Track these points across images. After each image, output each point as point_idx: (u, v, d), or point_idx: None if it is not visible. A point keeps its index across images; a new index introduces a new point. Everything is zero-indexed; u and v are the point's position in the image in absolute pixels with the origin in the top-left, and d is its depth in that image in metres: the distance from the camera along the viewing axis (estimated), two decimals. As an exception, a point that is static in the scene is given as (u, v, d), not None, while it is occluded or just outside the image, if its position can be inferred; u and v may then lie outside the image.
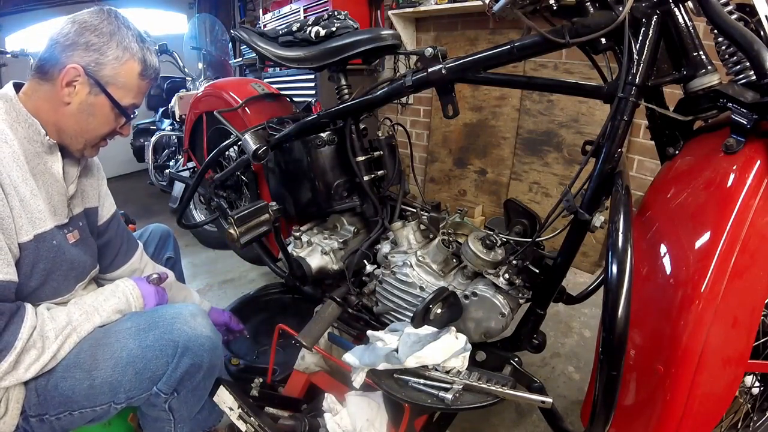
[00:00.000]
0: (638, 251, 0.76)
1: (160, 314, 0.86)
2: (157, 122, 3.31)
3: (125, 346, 0.81)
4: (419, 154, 2.99)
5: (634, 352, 0.74)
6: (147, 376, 0.81)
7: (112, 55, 0.79)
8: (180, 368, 0.82)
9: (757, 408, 0.98)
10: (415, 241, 1.18)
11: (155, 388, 0.82)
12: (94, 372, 0.79)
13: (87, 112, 0.81)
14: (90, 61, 0.78)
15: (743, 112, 0.71)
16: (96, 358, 0.80)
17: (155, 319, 0.84)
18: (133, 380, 0.80)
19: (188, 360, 0.82)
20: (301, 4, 2.82)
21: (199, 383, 0.87)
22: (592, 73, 1.02)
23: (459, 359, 0.90)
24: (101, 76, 0.79)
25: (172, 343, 0.81)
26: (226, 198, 1.86)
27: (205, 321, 0.87)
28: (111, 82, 0.80)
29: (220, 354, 0.90)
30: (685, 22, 0.78)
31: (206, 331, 0.85)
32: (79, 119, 0.81)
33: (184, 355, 0.82)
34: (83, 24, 0.78)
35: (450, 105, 1.09)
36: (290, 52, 1.34)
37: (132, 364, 0.80)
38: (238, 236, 1.08)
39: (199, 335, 0.83)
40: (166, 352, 0.81)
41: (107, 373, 0.80)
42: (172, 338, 0.81)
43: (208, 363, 0.86)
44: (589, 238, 0.93)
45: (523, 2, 0.78)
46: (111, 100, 0.81)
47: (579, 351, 1.63)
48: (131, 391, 0.81)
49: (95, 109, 0.81)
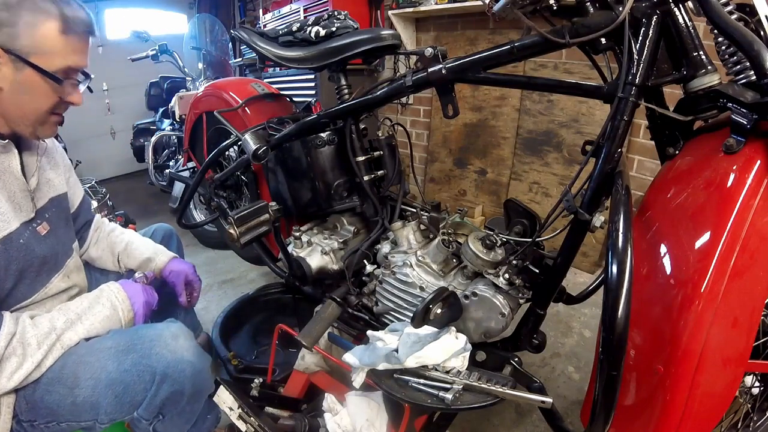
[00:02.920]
0: (638, 251, 0.76)
1: (140, 336, 0.82)
2: (157, 122, 3.32)
3: (104, 367, 0.78)
4: (419, 154, 2.99)
5: (634, 352, 0.74)
6: (127, 400, 0.78)
7: (24, 23, 0.73)
8: (160, 395, 0.79)
9: (757, 408, 0.98)
10: (415, 241, 1.18)
11: (136, 413, 0.80)
12: (75, 390, 0.77)
13: (21, 91, 0.76)
14: (4, 38, 0.72)
15: (743, 112, 0.71)
16: (77, 376, 0.78)
17: (134, 341, 0.81)
18: (113, 403, 0.78)
19: (168, 387, 0.78)
20: (301, 4, 2.82)
21: (184, 408, 0.84)
22: (592, 73, 1.02)
23: (459, 359, 0.90)
24: (19, 48, 0.73)
25: (149, 369, 0.78)
26: (226, 198, 1.85)
27: (188, 343, 0.83)
28: (32, 51, 0.74)
29: (205, 377, 0.86)
30: (685, 22, 0.78)
31: (188, 355, 0.81)
32: (17, 101, 0.77)
33: (163, 382, 0.78)
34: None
35: (450, 105, 1.08)
36: (290, 52, 1.34)
37: (111, 387, 0.77)
38: (238, 236, 1.08)
39: (179, 360, 0.79)
40: (144, 378, 0.78)
41: (88, 392, 0.77)
42: (150, 364, 0.78)
43: (191, 389, 0.82)
44: (589, 238, 0.93)
45: (523, 2, 0.78)
46: (37, 70, 0.75)
47: (579, 351, 1.63)
48: (112, 414, 0.79)
49: (27, 85, 0.76)
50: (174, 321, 0.90)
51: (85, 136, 3.78)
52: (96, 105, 3.80)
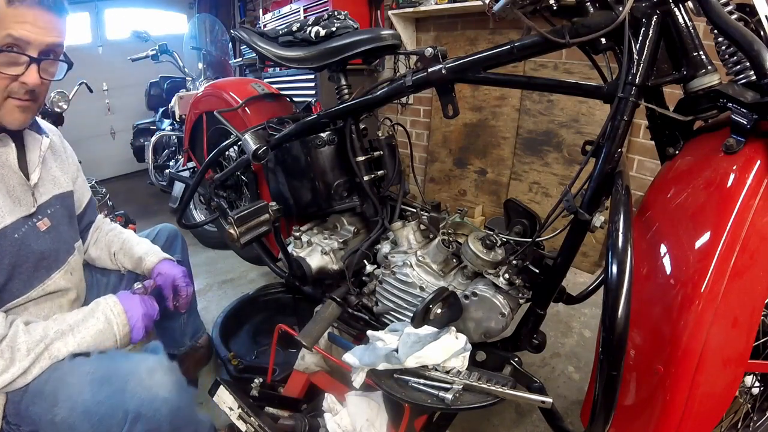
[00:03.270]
0: (638, 251, 0.76)
1: (116, 368, 0.78)
2: (157, 122, 3.32)
3: (81, 392, 0.75)
4: (419, 154, 2.99)
5: (634, 352, 0.74)
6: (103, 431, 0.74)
7: None
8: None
9: (757, 408, 0.98)
10: (415, 241, 1.18)
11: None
12: (54, 408, 0.74)
13: None
14: None
15: (743, 112, 0.71)
16: (56, 396, 0.75)
17: (110, 373, 0.77)
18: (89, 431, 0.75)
19: (142, 426, 0.74)
20: (301, 4, 2.82)
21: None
22: (592, 73, 1.02)
23: (459, 359, 0.90)
24: None
25: (122, 406, 0.73)
26: (226, 198, 1.85)
27: (165, 378, 0.78)
28: None
29: (185, 414, 0.81)
30: (685, 22, 0.78)
31: (163, 392, 0.75)
32: None
33: (137, 421, 0.74)
34: None
35: (450, 105, 1.08)
36: (290, 52, 1.34)
37: (87, 416, 0.73)
38: (238, 236, 1.08)
39: (154, 398, 0.74)
40: (117, 414, 0.74)
41: (65, 413, 0.74)
42: (123, 400, 0.73)
43: (169, 428, 0.77)
44: (589, 238, 0.93)
45: (523, 2, 0.78)
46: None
47: (579, 351, 1.63)
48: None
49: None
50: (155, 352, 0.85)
51: (85, 136, 3.77)
52: (96, 105, 3.80)
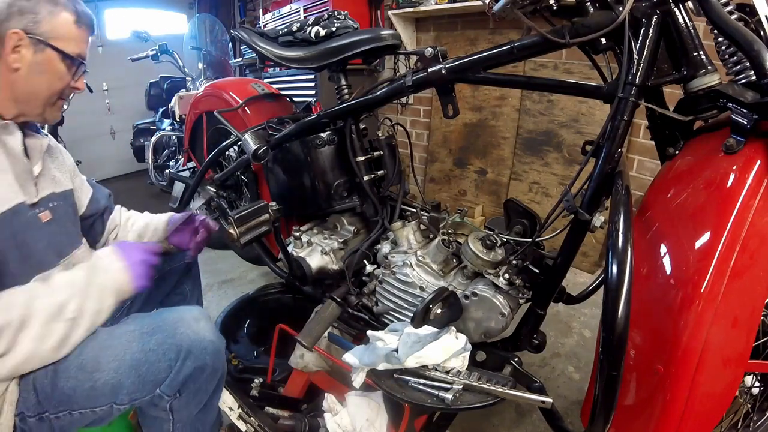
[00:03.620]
0: (638, 251, 0.76)
1: (164, 318, 0.86)
2: (157, 122, 3.32)
3: (128, 348, 0.81)
4: (419, 154, 2.99)
5: (634, 352, 0.74)
6: (150, 379, 0.81)
7: (45, 11, 0.82)
8: (183, 371, 0.83)
9: (757, 408, 0.98)
10: (415, 241, 1.18)
11: (158, 390, 0.83)
12: (96, 374, 0.79)
13: (37, 71, 0.83)
14: (27, 23, 0.81)
15: (743, 112, 0.71)
16: (99, 361, 0.80)
17: (158, 323, 0.85)
18: (135, 383, 0.81)
19: (191, 363, 0.83)
20: (301, 4, 2.82)
21: (201, 386, 0.88)
22: (592, 73, 1.02)
23: (459, 359, 0.90)
24: (41, 33, 0.82)
25: (175, 347, 0.82)
26: (226, 198, 1.85)
27: (209, 325, 0.88)
28: (51, 35, 0.83)
29: (223, 358, 0.91)
30: (685, 22, 0.78)
31: (209, 335, 0.86)
32: (32, 81, 0.84)
33: (187, 358, 0.82)
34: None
35: (450, 105, 1.09)
36: (290, 52, 1.34)
37: (135, 368, 0.80)
38: (238, 236, 1.08)
39: (202, 339, 0.84)
40: (168, 356, 0.81)
41: (110, 375, 0.80)
42: (176, 342, 0.82)
43: (212, 366, 0.86)
44: (589, 238, 0.93)
45: (523, 2, 0.78)
46: (57, 51, 0.84)
47: (579, 351, 1.63)
48: (134, 393, 0.82)
49: (44, 65, 0.84)
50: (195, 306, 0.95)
51: (85, 136, 3.77)
52: (96, 105, 3.80)
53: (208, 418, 0.97)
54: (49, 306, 0.77)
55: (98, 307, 0.83)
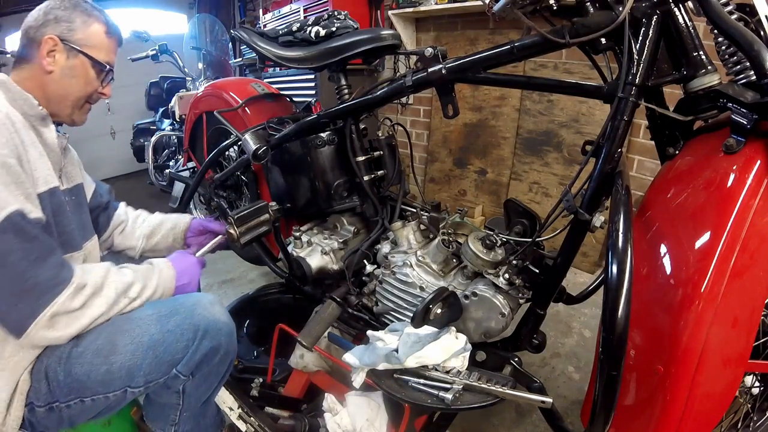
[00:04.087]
0: (638, 251, 0.76)
1: (181, 302, 0.90)
2: (157, 122, 3.32)
3: (146, 331, 0.84)
4: (419, 154, 2.99)
5: (634, 352, 0.74)
6: (167, 359, 0.84)
7: (79, 21, 0.89)
8: (200, 351, 0.86)
9: (757, 408, 0.98)
10: (415, 241, 1.18)
11: (174, 370, 0.85)
12: (112, 357, 0.81)
13: (69, 75, 0.89)
14: (62, 30, 0.88)
15: (743, 112, 0.71)
16: (115, 344, 0.82)
17: (176, 306, 0.88)
18: (152, 363, 0.83)
19: (208, 343, 0.86)
20: (301, 4, 2.82)
21: (213, 368, 0.91)
22: (592, 73, 1.02)
23: (459, 359, 0.90)
24: (75, 40, 0.89)
25: (193, 327, 0.85)
26: (226, 198, 1.85)
27: (222, 309, 0.93)
28: (84, 43, 0.90)
29: (235, 341, 0.94)
30: (685, 22, 0.78)
31: (224, 317, 0.91)
32: (63, 84, 0.89)
33: (204, 338, 0.86)
34: (48, 6, 0.89)
35: (450, 105, 1.08)
36: (290, 52, 1.34)
37: (153, 348, 0.83)
38: (238, 236, 1.08)
39: (217, 320, 0.89)
40: (186, 336, 0.85)
41: (126, 357, 0.82)
42: (194, 322, 0.85)
43: (225, 347, 0.90)
44: (589, 238, 0.93)
45: (523, 2, 0.78)
46: (89, 58, 0.90)
47: (579, 351, 1.63)
48: (150, 375, 0.83)
49: (76, 70, 0.90)
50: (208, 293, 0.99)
51: (85, 136, 3.76)
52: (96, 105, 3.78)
53: (209, 411, 1.01)
54: (119, 281, 0.86)
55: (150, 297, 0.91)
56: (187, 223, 1.24)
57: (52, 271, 0.75)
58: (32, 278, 0.73)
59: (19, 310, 0.73)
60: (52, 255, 0.77)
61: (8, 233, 0.71)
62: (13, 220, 0.72)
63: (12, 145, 0.77)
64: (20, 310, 0.73)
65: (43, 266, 0.74)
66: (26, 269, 0.72)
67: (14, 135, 0.78)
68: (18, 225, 0.72)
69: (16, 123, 0.80)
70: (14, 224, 0.72)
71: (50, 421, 0.83)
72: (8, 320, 0.75)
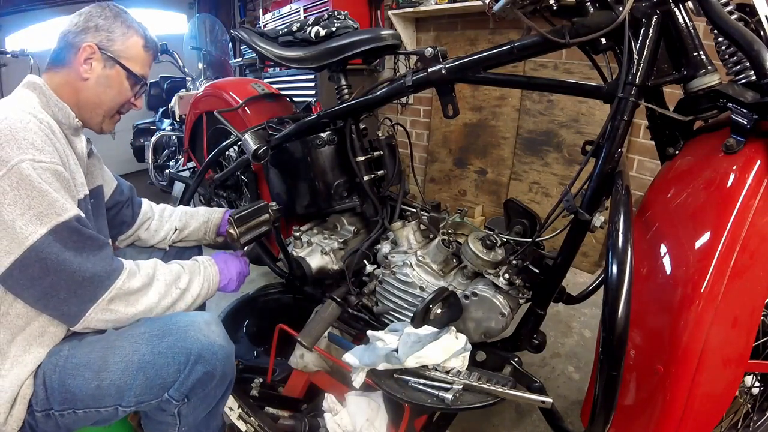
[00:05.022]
0: (638, 251, 0.76)
1: (174, 321, 0.86)
2: (157, 122, 3.32)
3: (137, 350, 0.81)
4: (419, 154, 2.99)
5: (634, 352, 0.74)
6: (158, 382, 0.81)
7: (119, 32, 0.90)
8: (192, 376, 0.82)
9: (757, 408, 0.98)
10: (415, 241, 1.18)
11: (166, 394, 0.82)
12: (102, 373, 0.80)
13: (104, 84, 0.90)
14: (101, 39, 0.89)
15: (743, 112, 0.71)
16: (106, 360, 0.80)
17: (169, 326, 0.85)
18: (143, 385, 0.81)
19: (201, 368, 0.83)
20: (301, 4, 2.82)
21: (210, 392, 0.87)
22: (592, 73, 1.02)
23: (459, 359, 0.90)
24: (113, 50, 0.90)
25: (185, 351, 0.82)
26: (226, 198, 1.85)
27: (219, 329, 0.89)
28: (121, 54, 0.91)
29: (233, 363, 0.91)
30: (685, 22, 0.78)
31: (220, 340, 0.86)
32: (98, 92, 0.91)
33: (197, 362, 0.82)
34: (89, 13, 0.90)
35: (450, 105, 1.08)
36: (290, 52, 1.34)
37: (143, 369, 0.80)
38: (238, 236, 1.08)
39: (212, 344, 0.84)
40: (178, 360, 0.81)
41: (116, 375, 0.80)
42: (186, 346, 0.82)
43: (221, 372, 0.86)
44: (589, 238, 0.93)
45: (523, 2, 0.78)
46: (125, 69, 0.92)
47: (579, 351, 1.63)
48: (141, 396, 0.81)
49: (111, 80, 0.91)
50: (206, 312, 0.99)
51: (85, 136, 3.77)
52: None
53: (213, 424, 0.97)
54: (168, 273, 0.90)
55: (198, 291, 0.95)
56: (220, 217, 1.26)
57: (106, 261, 0.80)
58: (89, 269, 0.77)
59: (78, 297, 0.77)
60: (103, 249, 0.82)
61: (65, 234, 0.76)
62: (71, 225, 0.76)
63: (57, 152, 0.79)
64: (80, 297, 0.77)
65: (97, 259, 0.79)
66: (83, 263, 0.77)
67: (56, 143, 0.81)
68: (75, 228, 0.77)
69: (55, 131, 0.82)
70: (71, 228, 0.76)
71: (48, 427, 0.83)
72: (66, 308, 0.78)
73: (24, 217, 0.72)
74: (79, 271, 0.76)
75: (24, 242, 0.72)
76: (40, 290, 0.75)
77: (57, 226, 0.74)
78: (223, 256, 1.08)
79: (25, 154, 0.73)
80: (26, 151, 0.73)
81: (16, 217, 0.72)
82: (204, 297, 0.98)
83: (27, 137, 0.75)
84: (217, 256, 1.07)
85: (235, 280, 1.07)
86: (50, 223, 0.74)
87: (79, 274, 0.76)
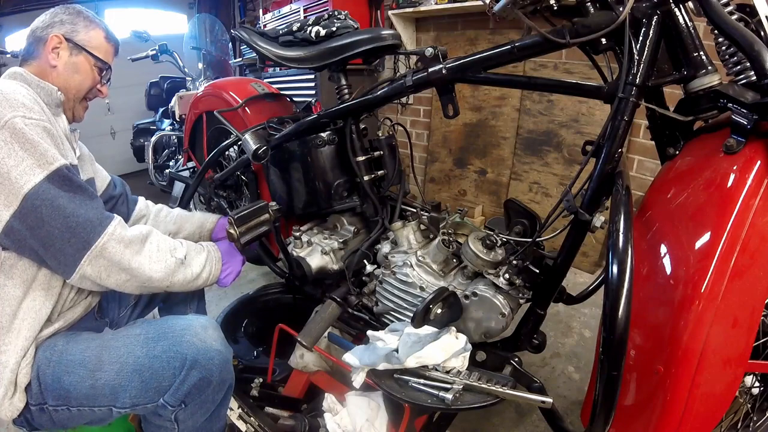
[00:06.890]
0: (638, 251, 0.76)
1: (170, 325, 0.87)
2: (157, 122, 3.32)
3: (132, 352, 0.82)
4: (419, 154, 2.99)
5: (634, 352, 0.74)
6: (153, 386, 0.81)
7: (82, 24, 0.97)
8: (188, 382, 0.82)
9: (757, 408, 0.98)
10: (415, 241, 1.18)
11: (161, 400, 0.82)
12: (97, 373, 0.80)
13: (72, 69, 0.96)
14: (66, 30, 0.95)
15: (743, 112, 0.71)
16: (101, 360, 0.81)
17: (165, 329, 0.85)
18: (138, 388, 0.81)
19: (197, 373, 0.82)
20: (301, 4, 2.82)
21: (207, 397, 0.87)
22: (592, 73, 1.02)
23: (459, 359, 0.90)
24: (78, 39, 0.96)
25: (180, 356, 0.81)
26: (226, 198, 1.85)
27: (217, 333, 0.88)
28: (85, 43, 0.97)
29: (230, 369, 0.90)
30: (685, 22, 0.78)
31: (217, 344, 0.86)
32: (66, 77, 0.96)
33: (192, 368, 0.82)
34: (53, 12, 0.97)
35: (450, 105, 1.08)
36: (290, 52, 1.34)
37: (138, 372, 0.80)
38: (238, 236, 1.08)
39: (209, 349, 0.84)
40: (173, 365, 0.81)
41: (111, 376, 0.80)
42: (181, 351, 0.82)
43: (218, 378, 0.86)
44: (589, 238, 0.93)
45: (523, 2, 0.78)
46: (90, 55, 0.98)
47: (579, 351, 1.63)
48: (136, 399, 0.81)
49: (78, 66, 0.97)
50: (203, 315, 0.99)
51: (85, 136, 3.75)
52: (96, 105, 3.77)
53: (215, 427, 0.96)
54: (163, 240, 0.90)
55: (199, 271, 0.94)
56: (214, 222, 1.28)
57: (98, 210, 0.82)
58: (83, 215, 0.79)
59: (72, 245, 0.78)
60: (95, 199, 0.84)
61: (58, 182, 0.78)
62: (62, 172, 0.79)
63: (45, 115, 0.83)
64: (74, 245, 0.78)
65: (89, 207, 0.81)
66: (75, 210, 0.78)
67: (44, 109, 0.84)
68: (66, 176, 0.79)
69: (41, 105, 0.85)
70: (62, 175, 0.79)
71: (43, 421, 0.83)
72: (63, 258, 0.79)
73: (18, 168, 0.74)
74: (73, 216, 0.78)
75: (19, 192, 0.74)
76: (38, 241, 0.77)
77: (50, 174, 0.77)
78: (227, 247, 1.08)
79: (17, 111, 0.77)
80: (17, 109, 0.77)
81: (11, 168, 0.74)
82: (205, 280, 0.97)
83: (17, 98, 0.79)
84: (221, 244, 1.07)
85: (233, 274, 1.07)
86: (43, 172, 0.76)
87: (72, 219, 0.78)
